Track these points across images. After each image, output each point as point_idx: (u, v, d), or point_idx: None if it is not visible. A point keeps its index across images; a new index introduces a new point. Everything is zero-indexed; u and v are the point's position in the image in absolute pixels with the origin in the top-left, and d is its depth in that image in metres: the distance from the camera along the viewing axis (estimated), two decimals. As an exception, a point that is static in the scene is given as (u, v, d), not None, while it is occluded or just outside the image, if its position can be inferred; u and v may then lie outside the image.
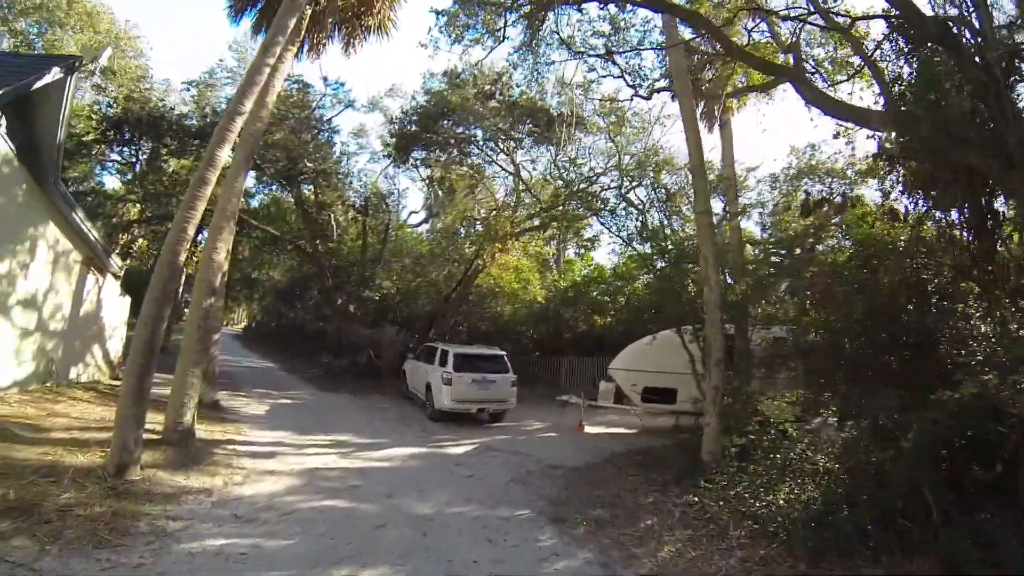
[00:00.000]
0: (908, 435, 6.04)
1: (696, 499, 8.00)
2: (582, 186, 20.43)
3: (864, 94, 11.33)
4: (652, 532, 7.04)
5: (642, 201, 19.19)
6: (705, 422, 9.87)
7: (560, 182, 21.31)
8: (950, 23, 7.47)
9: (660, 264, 14.20)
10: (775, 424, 9.16)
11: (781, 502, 7.13)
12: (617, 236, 21.17)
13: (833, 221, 13.93)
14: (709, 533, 6.92)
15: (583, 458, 10.96)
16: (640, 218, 17.74)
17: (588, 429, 14.09)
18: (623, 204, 19.08)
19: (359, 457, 10.17)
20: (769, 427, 9.15)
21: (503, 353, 15.38)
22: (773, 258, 14.42)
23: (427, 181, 25.16)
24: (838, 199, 14.66)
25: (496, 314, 24.24)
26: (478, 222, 22.35)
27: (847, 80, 11.63)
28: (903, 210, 9.21)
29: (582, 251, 31.75)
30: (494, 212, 21.63)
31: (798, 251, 13.33)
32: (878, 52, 9.60)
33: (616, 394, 15.18)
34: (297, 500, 7.37)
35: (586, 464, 10.52)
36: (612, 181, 20.12)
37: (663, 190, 18.54)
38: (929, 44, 7.83)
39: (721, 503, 7.67)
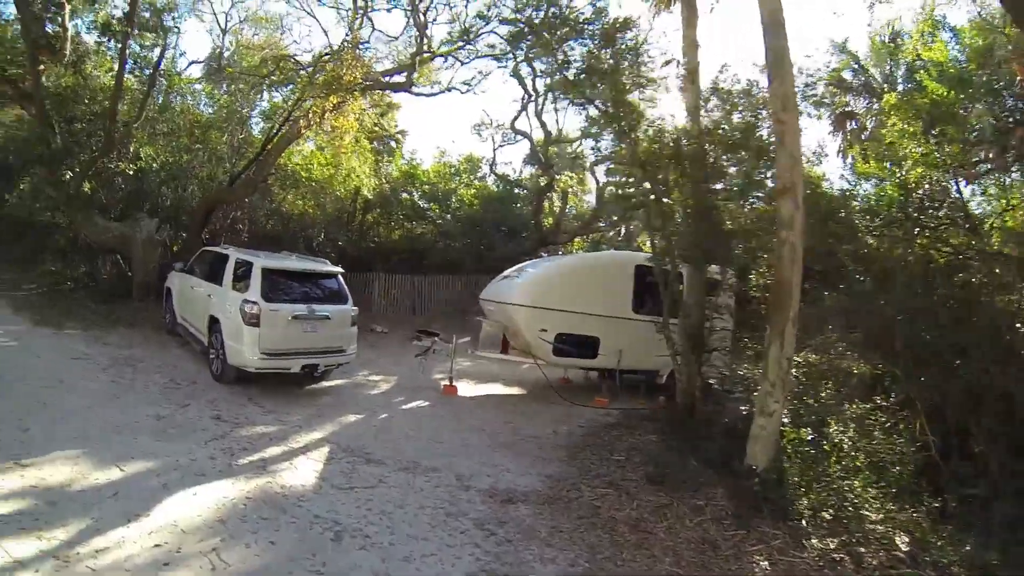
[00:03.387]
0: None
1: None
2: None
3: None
4: None
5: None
6: (764, 410, 6.36)
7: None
8: None
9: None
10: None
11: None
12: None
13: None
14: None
15: (529, 465, 7.27)
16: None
17: (464, 392, 10.46)
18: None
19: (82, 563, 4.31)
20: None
21: (337, 270, 9.97)
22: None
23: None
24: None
25: (288, 211, 18.21)
26: (298, 67, 14.89)
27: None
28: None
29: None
30: (325, 55, 14.47)
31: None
32: None
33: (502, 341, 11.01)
34: None
35: (554, 486, 6.66)
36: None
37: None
38: None
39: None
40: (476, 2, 36.44)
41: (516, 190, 23.43)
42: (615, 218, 21.46)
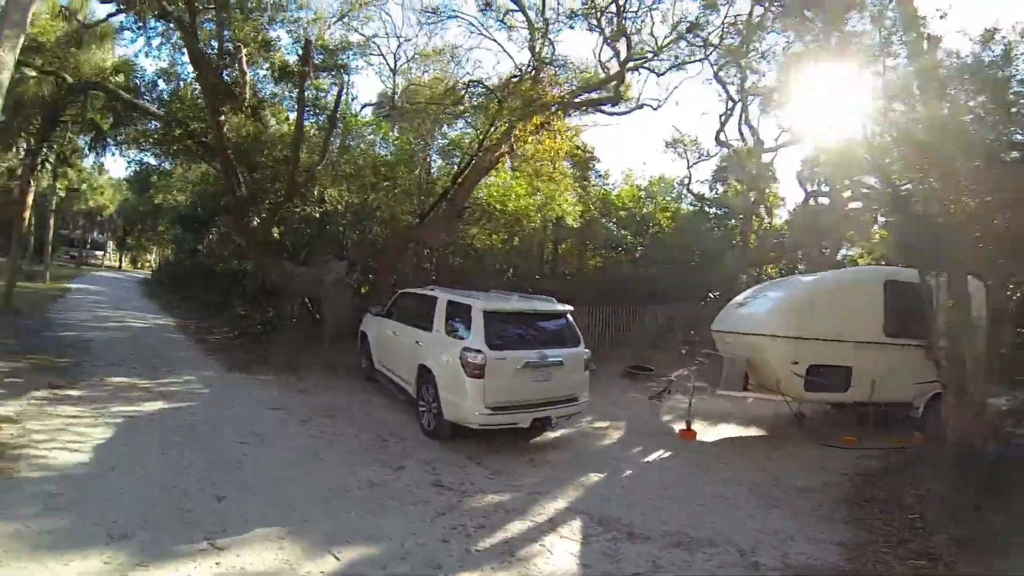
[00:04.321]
0: None
1: None
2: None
3: None
4: None
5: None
6: None
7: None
8: None
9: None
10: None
11: None
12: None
13: None
14: None
15: (811, 528, 5.96)
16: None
17: (702, 436, 9.00)
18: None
19: None
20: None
21: (567, 308, 8.60)
22: None
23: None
24: None
25: (476, 246, 17.22)
26: (488, 92, 13.61)
27: None
28: None
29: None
30: (514, 77, 13.34)
31: None
32: None
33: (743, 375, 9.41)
34: None
35: (854, 559, 5.35)
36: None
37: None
38: None
39: None
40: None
41: (712, 209, 21.77)
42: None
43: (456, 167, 14.44)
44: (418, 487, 6.23)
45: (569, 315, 8.58)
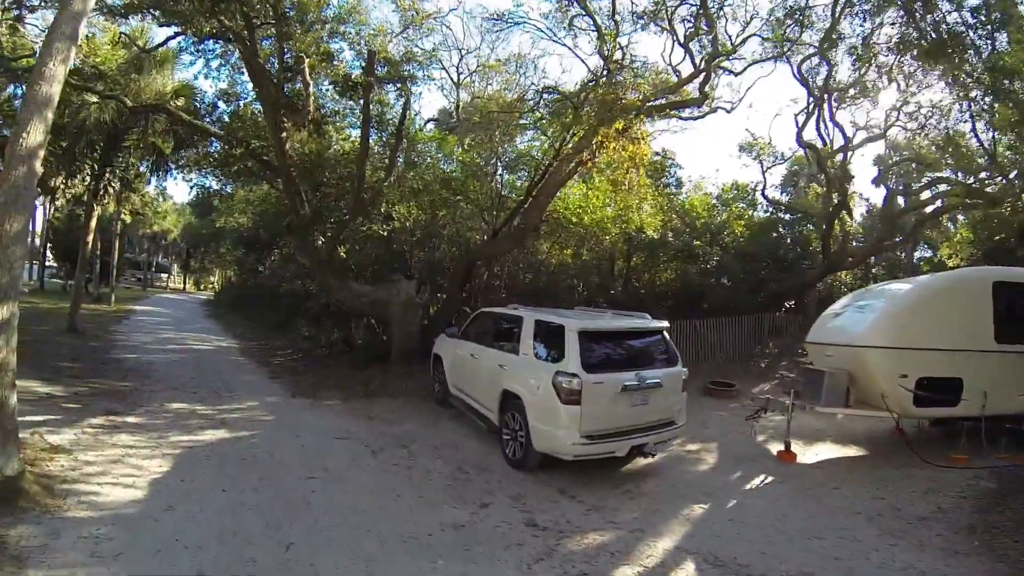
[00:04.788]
0: None
1: None
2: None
3: None
4: None
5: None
6: None
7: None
8: None
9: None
10: None
11: None
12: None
13: None
14: None
15: (944, 564, 5.19)
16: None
17: (802, 457, 8.29)
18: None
19: None
20: None
21: (663, 325, 7.71)
22: None
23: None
24: None
25: (547, 262, 16.33)
26: (560, 99, 12.48)
27: None
28: None
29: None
30: (590, 82, 12.42)
31: None
32: None
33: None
34: None
35: None
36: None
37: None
38: None
39: None
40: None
41: (787, 215, 20.70)
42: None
43: (529, 180, 13.58)
44: (509, 527, 5.37)
45: (665, 332, 7.67)
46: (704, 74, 12.94)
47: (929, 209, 18.16)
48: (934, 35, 11.93)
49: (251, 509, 5.25)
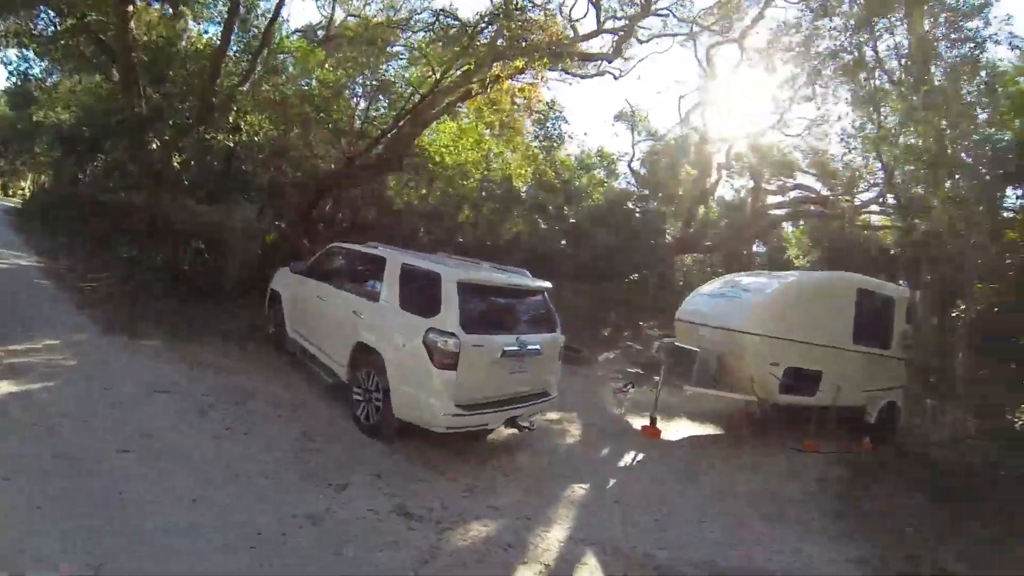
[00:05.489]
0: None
1: None
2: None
3: None
4: None
5: None
6: None
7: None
8: None
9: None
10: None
11: None
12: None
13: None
14: None
15: (823, 545, 5.64)
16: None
17: (664, 433, 8.46)
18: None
19: None
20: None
21: (545, 285, 7.01)
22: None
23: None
24: None
25: (392, 199, 15.59)
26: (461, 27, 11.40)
27: None
28: None
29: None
30: (495, 14, 10.63)
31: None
32: None
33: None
34: None
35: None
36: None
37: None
38: None
39: None
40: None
41: (645, 190, 20.99)
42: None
43: (397, 110, 12.26)
44: (378, 518, 4.56)
45: (547, 294, 7.04)
46: (624, 32, 12.46)
47: (783, 211, 19.39)
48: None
49: (40, 509, 3.76)
